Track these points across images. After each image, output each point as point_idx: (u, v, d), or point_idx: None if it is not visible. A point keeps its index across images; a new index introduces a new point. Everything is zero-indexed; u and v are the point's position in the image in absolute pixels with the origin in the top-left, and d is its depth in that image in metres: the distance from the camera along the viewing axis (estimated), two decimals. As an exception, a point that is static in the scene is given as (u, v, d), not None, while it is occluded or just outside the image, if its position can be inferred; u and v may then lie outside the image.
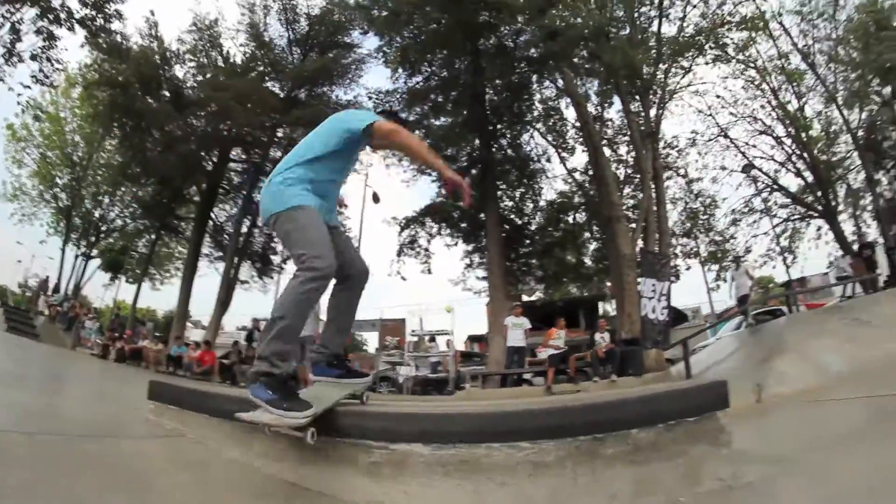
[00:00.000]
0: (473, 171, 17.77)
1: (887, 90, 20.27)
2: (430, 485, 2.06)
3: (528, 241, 19.35)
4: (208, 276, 22.53)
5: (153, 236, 25.35)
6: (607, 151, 17.95)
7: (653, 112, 16.06)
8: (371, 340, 32.88)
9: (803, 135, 19.70)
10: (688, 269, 20.03)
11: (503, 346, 13.00)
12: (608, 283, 19.13)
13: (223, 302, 20.69)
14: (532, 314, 18.41)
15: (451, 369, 14.77)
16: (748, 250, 20.33)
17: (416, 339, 17.50)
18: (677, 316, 17.85)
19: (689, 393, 2.63)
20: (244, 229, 21.56)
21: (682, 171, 20.31)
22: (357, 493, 2.12)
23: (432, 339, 17.19)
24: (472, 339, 25.73)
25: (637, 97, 15.78)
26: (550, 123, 18.75)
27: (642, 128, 15.78)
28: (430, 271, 19.15)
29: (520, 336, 12.39)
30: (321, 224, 2.47)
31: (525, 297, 21.90)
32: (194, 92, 20.31)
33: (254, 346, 14.85)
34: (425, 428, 2.20)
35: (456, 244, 19.09)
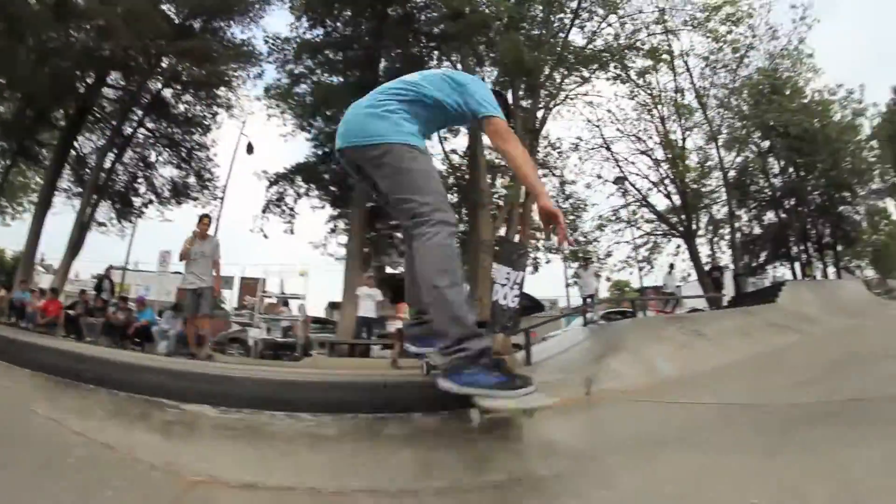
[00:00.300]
0: None
1: (765, 144, 21.92)
2: (219, 448, 2.01)
3: None
4: (65, 215, 19.59)
5: (8, 161, 21.93)
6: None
7: (542, 112, 16.01)
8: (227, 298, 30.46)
9: (680, 163, 20.39)
10: (548, 262, 19.95)
11: (355, 315, 12.50)
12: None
13: (75, 245, 18.14)
14: (393, 287, 17.60)
15: (300, 335, 13.98)
16: (609, 254, 20.96)
17: (273, 300, 16.42)
18: (535, 305, 17.87)
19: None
20: (107, 164, 19.10)
21: (558, 172, 20.37)
22: (151, 451, 2.03)
23: (286, 303, 16.24)
24: (333, 305, 24.57)
25: (529, 93, 15.54)
26: None
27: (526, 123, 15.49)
28: (292, 231, 18.12)
29: (371, 307, 11.97)
30: None
31: (390, 270, 21.13)
32: (81, 1, 17.85)
33: (102, 296, 13.41)
34: (211, 389, 2.19)
35: (323, 207, 18.06)
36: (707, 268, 18.38)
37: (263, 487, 1.85)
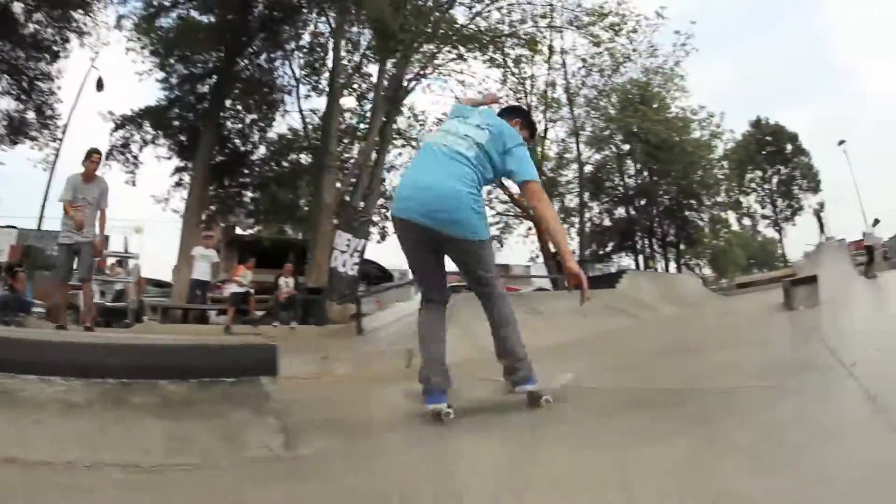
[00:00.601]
0: (210, 80, 15.25)
1: (625, 147, 22.99)
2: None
3: (246, 171, 17.05)
4: None
5: None
6: (352, 102, 16.78)
7: (412, 82, 15.62)
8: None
9: (539, 150, 20.43)
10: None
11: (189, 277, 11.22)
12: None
13: None
14: (241, 248, 16.42)
15: (133, 298, 12.47)
16: None
17: (114, 260, 14.62)
18: (385, 274, 17.51)
19: (226, 352, 2.44)
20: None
21: (414, 143, 19.43)
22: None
23: (120, 263, 14.50)
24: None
25: (398, 60, 14.77)
26: (312, 59, 16.64)
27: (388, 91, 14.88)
28: (134, 183, 16.04)
29: (205, 269, 10.87)
30: None
31: (240, 231, 19.75)
32: None
33: None
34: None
35: (170, 158, 16.03)
36: (553, 251, 18.66)
37: (23, 462, 1.70)
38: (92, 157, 6.19)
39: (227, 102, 15.87)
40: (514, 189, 21.51)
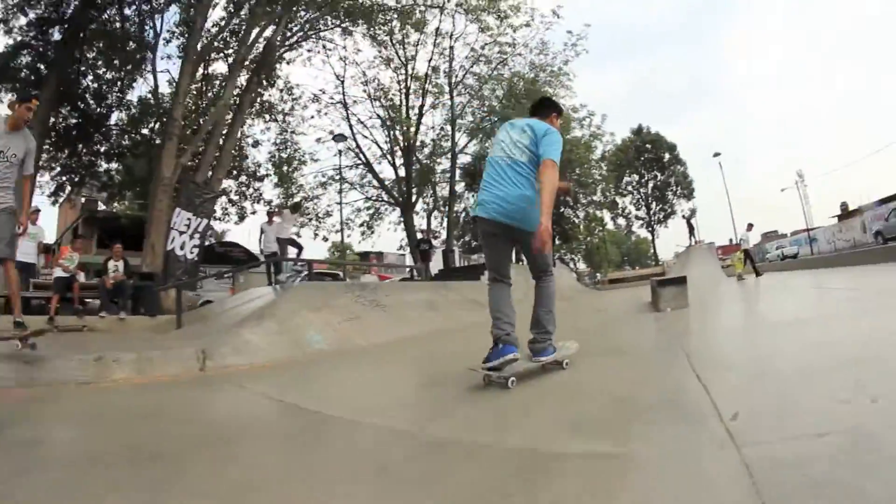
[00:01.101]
0: (62, 28, 13.06)
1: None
2: None
3: (101, 138, 15.00)
4: None
5: None
6: (222, 68, 15.44)
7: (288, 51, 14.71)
8: None
9: (411, 132, 20.19)
10: (254, 213, 18.41)
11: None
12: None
13: None
14: (95, 227, 14.81)
15: None
16: (329, 214, 20.35)
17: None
18: (251, 257, 16.68)
19: None
20: None
21: (282, 118, 18.68)
22: None
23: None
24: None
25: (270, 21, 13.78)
26: (188, 17, 14.63)
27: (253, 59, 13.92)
28: None
29: (30, 249, 9.20)
30: None
31: (102, 206, 17.66)
32: None
33: None
34: None
35: None
36: (419, 238, 17.83)
37: None
38: (30, 101, 4.49)
39: (88, 57, 13.95)
40: (386, 175, 21.24)
